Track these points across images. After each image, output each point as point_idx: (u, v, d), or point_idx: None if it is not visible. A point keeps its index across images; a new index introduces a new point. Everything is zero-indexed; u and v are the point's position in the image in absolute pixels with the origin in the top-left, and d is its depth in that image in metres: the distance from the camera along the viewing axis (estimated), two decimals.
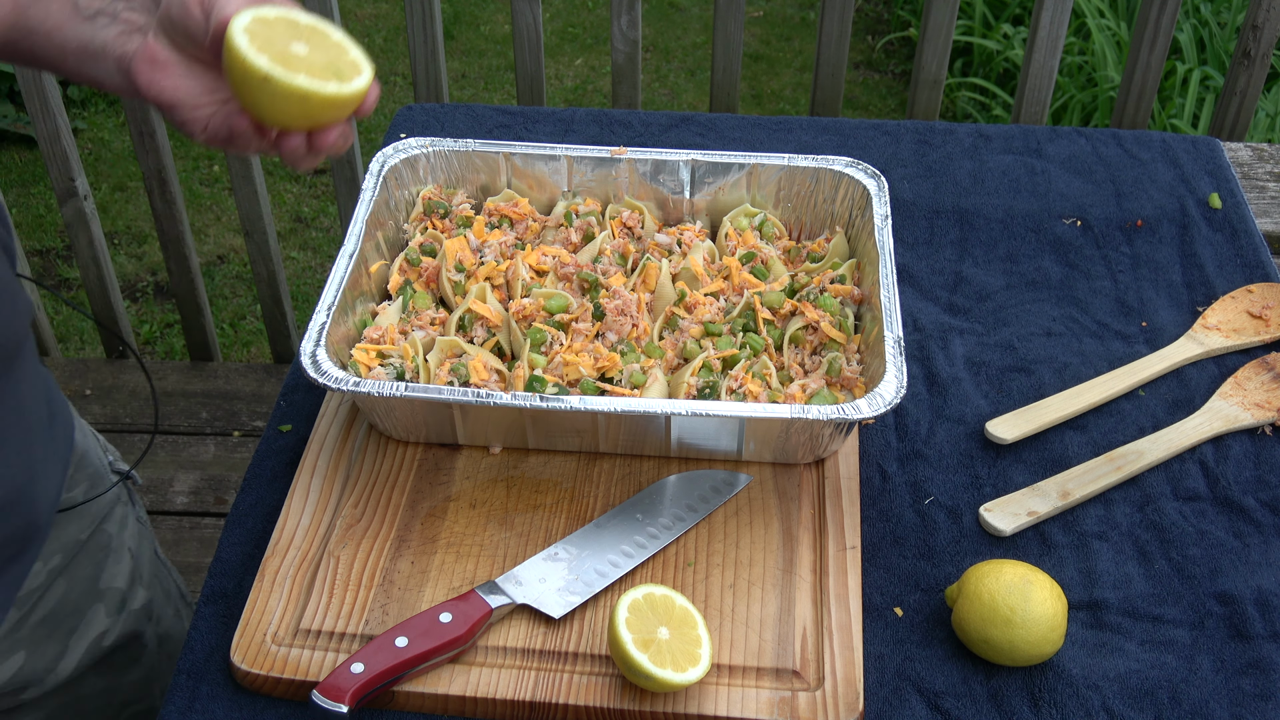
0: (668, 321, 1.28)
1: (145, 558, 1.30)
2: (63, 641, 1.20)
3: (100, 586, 1.22)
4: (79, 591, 1.20)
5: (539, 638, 1.07)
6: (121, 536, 1.26)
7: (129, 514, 1.29)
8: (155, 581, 1.32)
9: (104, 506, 1.23)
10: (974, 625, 1.06)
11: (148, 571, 1.30)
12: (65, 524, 1.17)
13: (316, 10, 2.21)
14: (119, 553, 1.25)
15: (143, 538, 1.32)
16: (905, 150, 1.68)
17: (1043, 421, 1.29)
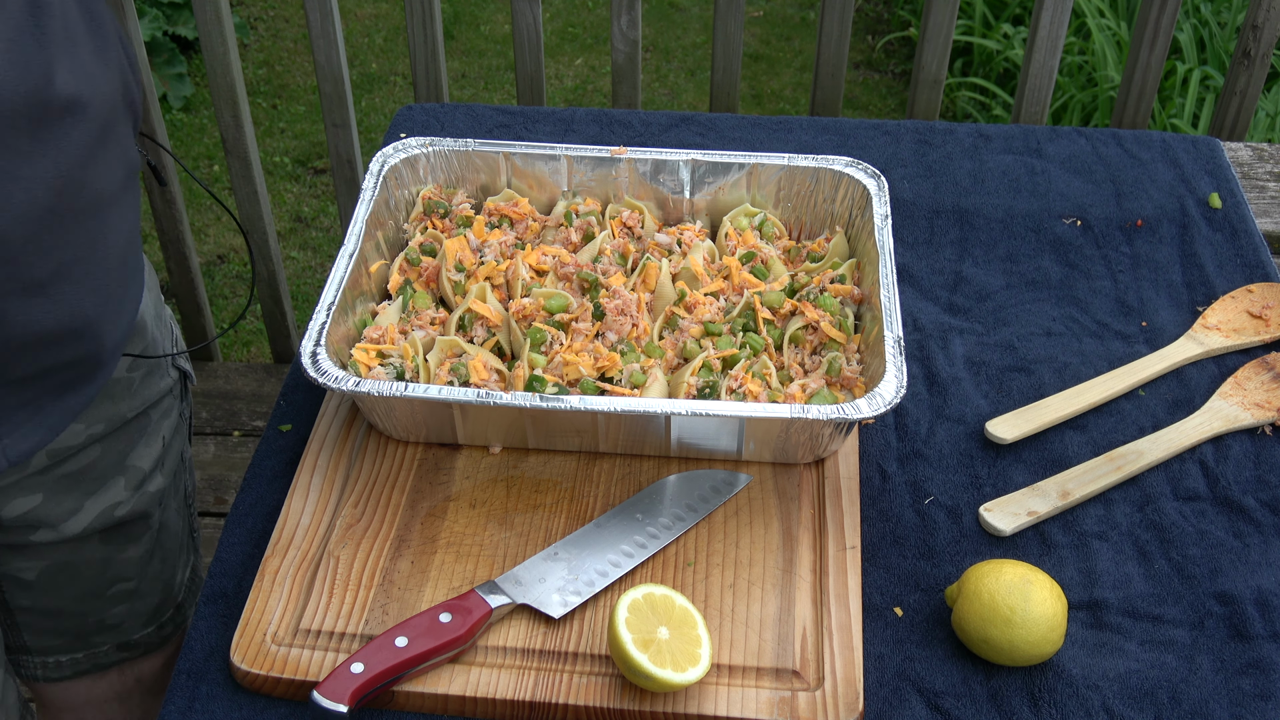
0: (668, 321, 1.28)
1: (174, 450, 1.35)
2: (79, 500, 1.24)
3: (127, 463, 1.27)
4: (108, 462, 1.25)
5: (539, 638, 1.07)
6: (161, 425, 1.31)
7: (175, 407, 1.34)
8: (174, 475, 1.37)
9: (156, 394, 1.28)
10: (974, 625, 1.06)
11: (171, 463, 1.35)
12: (118, 399, 1.23)
13: (317, 10, 2.21)
14: (153, 438, 1.30)
15: (178, 432, 1.36)
16: (905, 150, 1.68)
17: (1043, 421, 1.29)
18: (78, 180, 0.97)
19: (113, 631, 1.37)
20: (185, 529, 1.42)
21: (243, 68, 2.56)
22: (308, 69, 4.04)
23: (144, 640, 1.41)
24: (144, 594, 1.36)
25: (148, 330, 1.24)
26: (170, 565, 1.39)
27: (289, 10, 4.31)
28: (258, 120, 3.79)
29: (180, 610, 1.44)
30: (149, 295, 1.25)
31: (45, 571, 1.26)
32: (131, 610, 1.37)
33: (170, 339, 1.31)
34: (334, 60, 2.27)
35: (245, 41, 4.12)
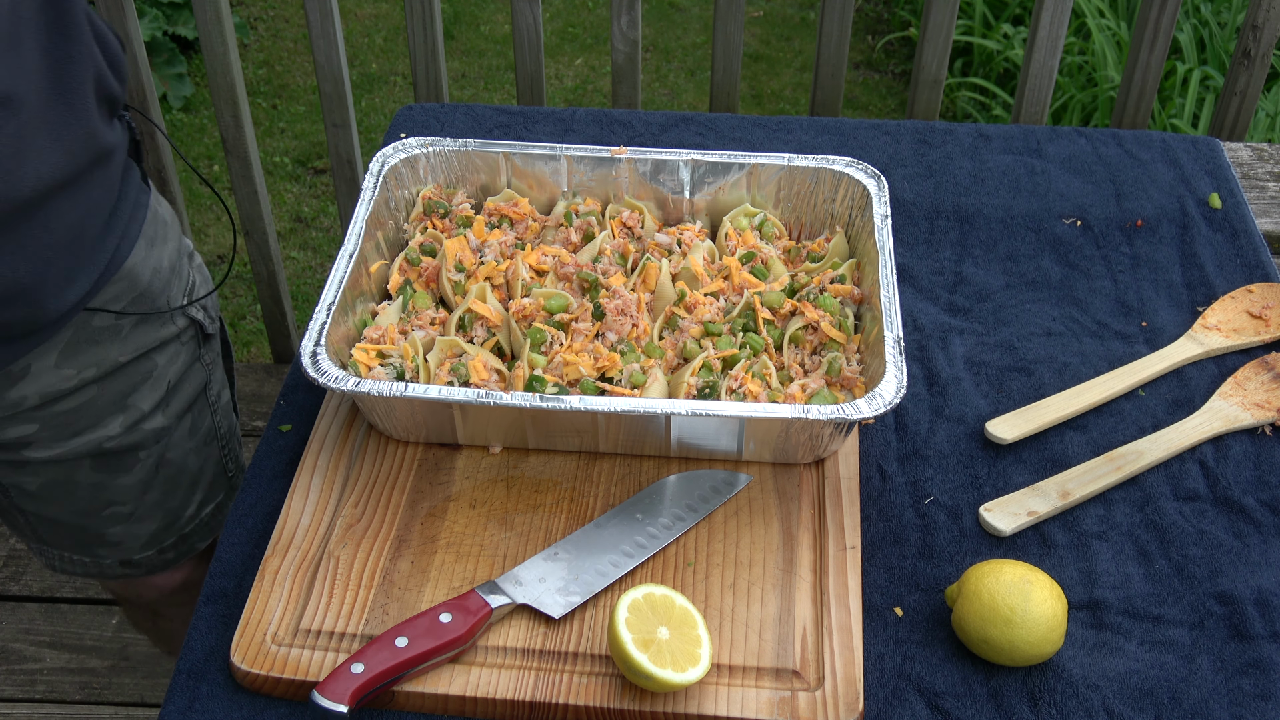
0: (668, 321, 1.28)
1: (183, 393, 1.40)
2: (73, 433, 1.32)
3: (128, 402, 1.34)
4: (106, 400, 1.32)
5: (539, 638, 1.07)
6: (168, 369, 1.37)
7: (183, 353, 1.39)
8: (185, 416, 1.42)
9: (154, 340, 1.34)
10: (974, 625, 1.06)
11: (179, 405, 1.40)
12: (106, 345, 1.28)
13: (317, 10, 2.21)
14: (157, 381, 1.36)
15: (190, 377, 1.41)
16: (905, 150, 1.68)
17: (1043, 421, 1.29)
18: (6, 169, 1.05)
19: (113, 548, 1.46)
20: (205, 467, 1.48)
21: (243, 68, 2.56)
22: (308, 69, 4.04)
23: (145, 561, 1.50)
24: (141, 519, 1.44)
25: (141, 283, 1.29)
26: (173, 497, 1.46)
27: (289, 10, 4.31)
28: (258, 120, 3.79)
29: (186, 540, 1.51)
30: (149, 251, 1.30)
31: (44, 486, 1.36)
32: (129, 532, 1.45)
33: (183, 290, 1.37)
34: (334, 60, 2.27)
35: (245, 41, 4.12)
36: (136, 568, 1.50)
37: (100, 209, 1.20)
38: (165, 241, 1.33)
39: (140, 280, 1.29)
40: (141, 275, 1.29)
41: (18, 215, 1.09)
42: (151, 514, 1.45)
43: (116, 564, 1.48)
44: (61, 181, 1.12)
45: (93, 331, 1.27)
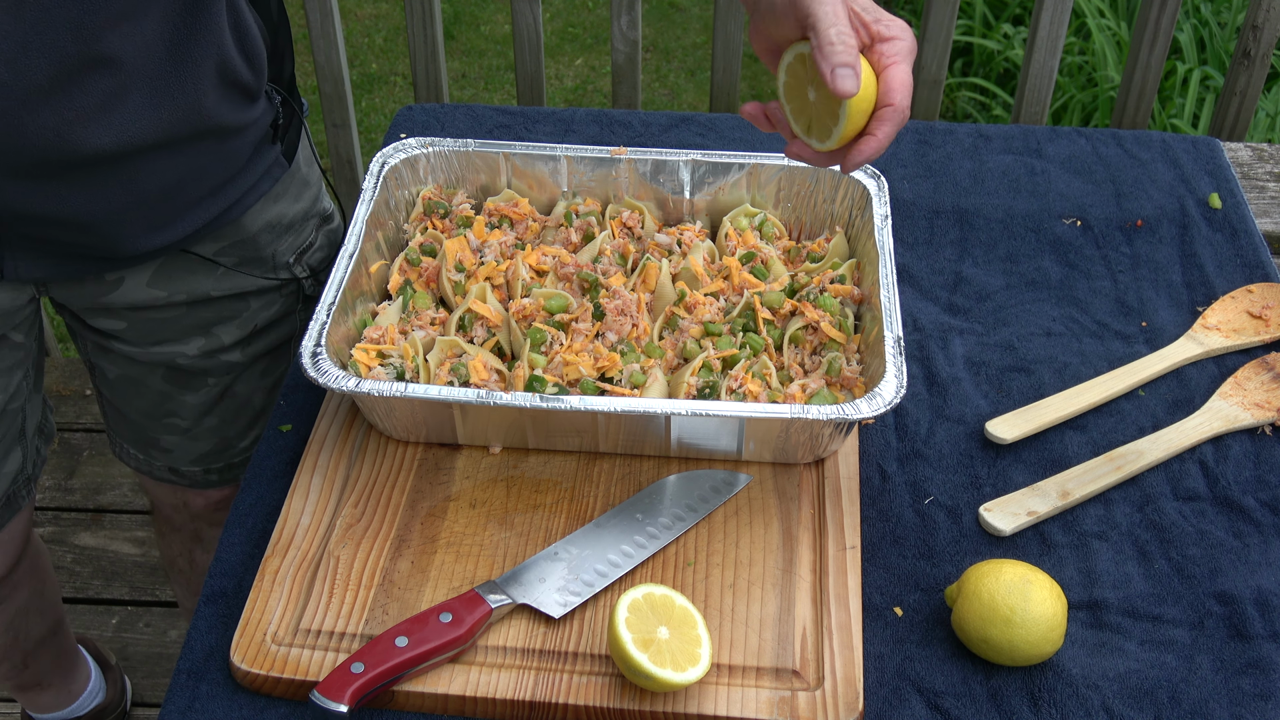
0: (668, 321, 1.28)
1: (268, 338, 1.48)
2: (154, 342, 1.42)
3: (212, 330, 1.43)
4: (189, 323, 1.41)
5: (539, 637, 1.07)
6: (259, 314, 1.45)
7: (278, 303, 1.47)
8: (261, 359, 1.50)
9: (252, 285, 1.42)
10: (974, 625, 1.06)
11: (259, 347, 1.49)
12: (200, 276, 1.37)
13: (317, 10, 2.21)
14: (245, 322, 1.44)
15: (280, 328, 1.48)
16: (905, 150, 1.68)
17: (1042, 421, 1.29)
18: (89, 117, 1.12)
19: (165, 454, 1.57)
20: (266, 410, 1.55)
21: None
22: (308, 69, 4.04)
23: (190, 475, 1.59)
24: (196, 438, 1.54)
25: (247, 233, 1.37)
26: (230, 426, 1.54)
27: (289, 10, 4.30)
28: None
29: (233, 468, 1.61)
30: (270, 206, 1.38)
31: (120, 379, 1.48)
32: (181, 445, 1.55)
33: (295, 247, 1.44)
34: (334, 60, 2.27)
35: None
36: (182, 478, 1.60)
37: (207, 176, 1.27)
38: (296, 200, 1.42)
39: (248, 229, 1.37)
40: (251, 225, 1.37)
41: (98, 161, 1.16)
42: (207, 436, 1.54)
43: (165, 469, 1.59)
44: (154, 144, 1.18)
45: (188, 263, 1.36)
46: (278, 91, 1.34)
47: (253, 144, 1.31)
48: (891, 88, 1.03)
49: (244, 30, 1.24)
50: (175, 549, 1.80)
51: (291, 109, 1.36)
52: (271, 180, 1.36)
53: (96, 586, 2.34)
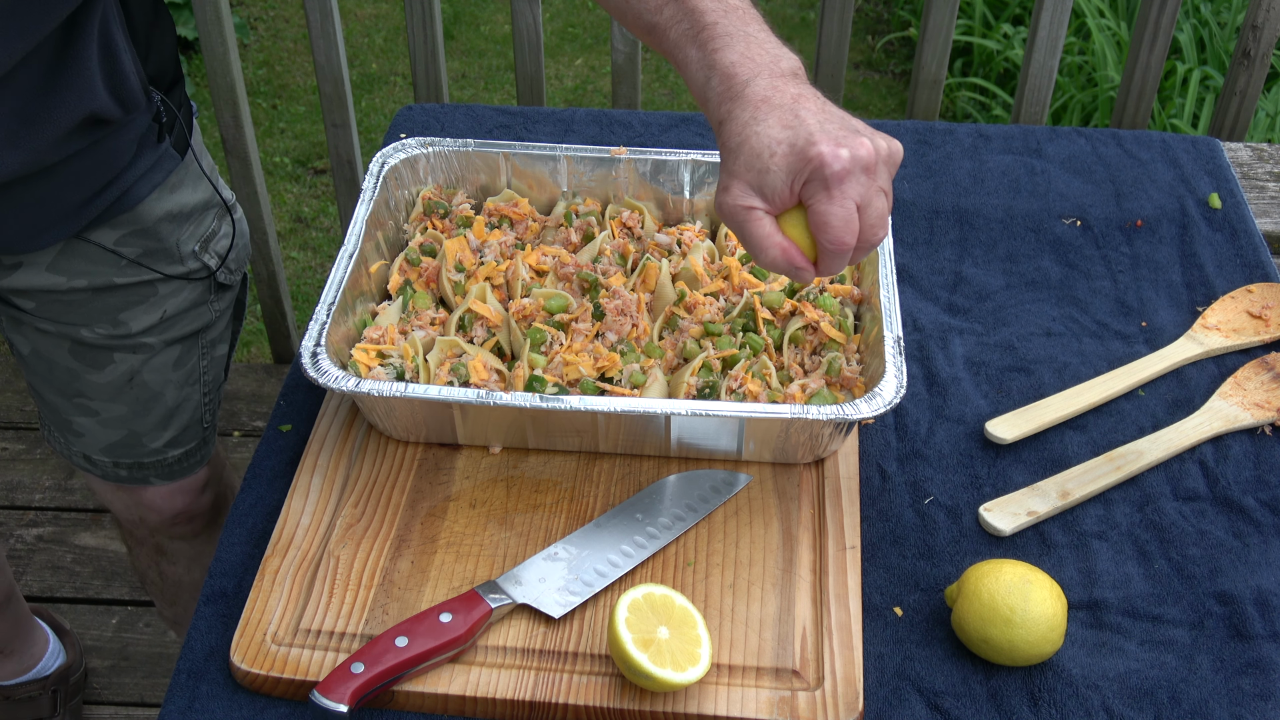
0: (668, 321, 1.28)
1: (178, 326, 1.46)
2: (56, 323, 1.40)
3: (119, 317, 1.41)
4: (95, 309, 1.39)
5: (539, 637, 1.07)
6: (166, 301, 1.43)
7: (186, 291, 1.44)
8: (174, 349, 1.47)
9: (157, 272, 1.40)
10: (974, 625, 1.06)
11: (171, 335, 1.46)
12: (101, 264, 1.35)
13: (317, 10, 2.21)
14: (153, 308, 1.42)
15: (192, 316, 1.46)
16: (905, 150, 1.68)
17: (1042, 421, 1.29)
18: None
19: (78, 439, 1.53)
20: (183, 407, 1.53)
21: (243, 68, 2.56)
22: (308, 69, 4.04)
23: (101, 465, 1.56)
24: (106, 424, 1.50)
25: (147, 221, 1.36)
26: (140, 420, 1.50)
27: (289, 10, 4.31)
28: (258, 120, 3.79)
29: (142, 468, 1.56)
30: (168, 196, 1.36)
31: (33, 354, 1.45)
32: (91, 430, 1.51)
33: (198, 236, 1.42)
34: (334, 60, 2.27)
35: (245, 41, 4.12)
36: (94, 466, 1.56)
37: (88, 180, 1.27)
38: (194, 191, 1.40)
39: (146, 219, 1.35)
40: (148, 216, 1.35)
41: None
42: (116, 425, 1.50)
43: (81, 455, 1.55)
44: (22, 176, 1.19)
45: (88, 252, 1.34)
46: (156, 93, 1.32)
47: (134, 143, 1.30)
48: (815, 225, 1.01)
49: (119, 75, 1.23)
50: (144, 561, 1.80)
51: (173, 108, 1.34)
52: (164, 172, 1.35)
53: (96, 586, 2.34)
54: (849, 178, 0.99)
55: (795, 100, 1.01)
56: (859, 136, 1.00)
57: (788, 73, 1.04)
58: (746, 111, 1.00)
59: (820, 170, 0.98)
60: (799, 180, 0.99)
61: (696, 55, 1.04)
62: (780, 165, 0.99)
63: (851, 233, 1.00)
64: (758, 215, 1.01)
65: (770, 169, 0.99)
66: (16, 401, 2.67)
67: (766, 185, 1.00)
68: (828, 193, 0.99)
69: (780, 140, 0.99)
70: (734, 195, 1.01)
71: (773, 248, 1.02)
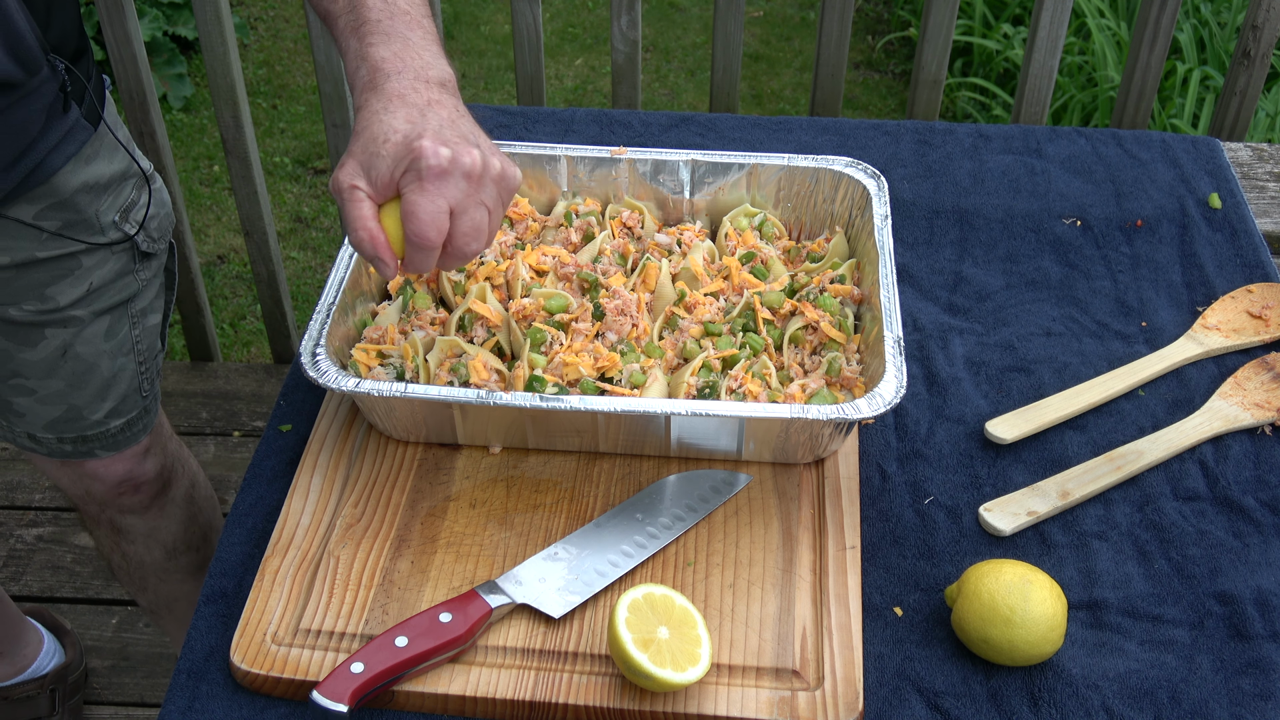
0: (668, 321, 1.28)
1: (105, 297, 1.45)
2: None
3: (46, 293, 1.39)
4: (20, 286, 1.38)
5: (539, 637, 1.07)
6: (92, 272, 1.42)
7: (110, 261, 1.43)
8: (103, 320, 1.46)
9: (79, 245, 1.39)
10: (974, 625, 1.06)
11: (99, 305, 1.45)
12: (24, 240, 1.35)
13: None
14: (79, 280, 1.41)
15: (118, 286, 1.45)
16: (905, 150, 1.68)
17: (1042, 421, 1.29)
18: None
19: (20, 419, 1.52)
20: (119, 377, 1.52)
21: (243, 68, 2.56)
22: (308, 69, 4.04)
23: (46, 442, 1.54)
24: (44, 401, 1.49)
25: (63, 193, 1.35)
26: (79, 393, 1.50)
27: (289, 10, 4.31)
28: (258, 120, 3.79)
29: (86, 441, 1.56)
30: (83, 169, 1.35)
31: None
32: (32, 408, 1.50)
33: (118, 206, 1.41)
34: (334, 60, 2.27)
35: (245, 41, 4.12)
36: (39, 445, 1.56)
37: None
38: (110, 162, 1.39)
39: (63, 191, 1.35)
40: (65, 187, 1.34)
41: None
42: (55, 401, 1.50)
43: (25, 435, 1.55)
44: None
45: (7, 227, 1.33)
46: (60, 61, 1.31)
47: (42, 112, 1.29)
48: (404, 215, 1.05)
49: (14, 36, 1.22)
50: (105, 544, 1.79)
51: (79, 77, 1.34)
52: (77, 143, 1.34)
53: (96, 586, 2.34)
54: (446, 177, 1.04)
55: (428, 103, 1.07)
56: (470, 147, 1.05)
57: (433, 80, 1.10)
58: (379, 102, 1.07)
59: (417, 161, 1.03)
60: (399, 168, 1.04)
61: (355, 46, 1.12)
62: (389, 152, 1.04)
63: (437, 230, 1.05)
64: (359, 196, 1.06)
65: (380, 154, 1.05)
66: None
67: (373, 169, 1.05)
68: (420, 184, 1.04)
69: (398, 130, 1.05)
70: (344, 173, 1.06)
71: (362, 230, 1.06)
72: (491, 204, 1.07)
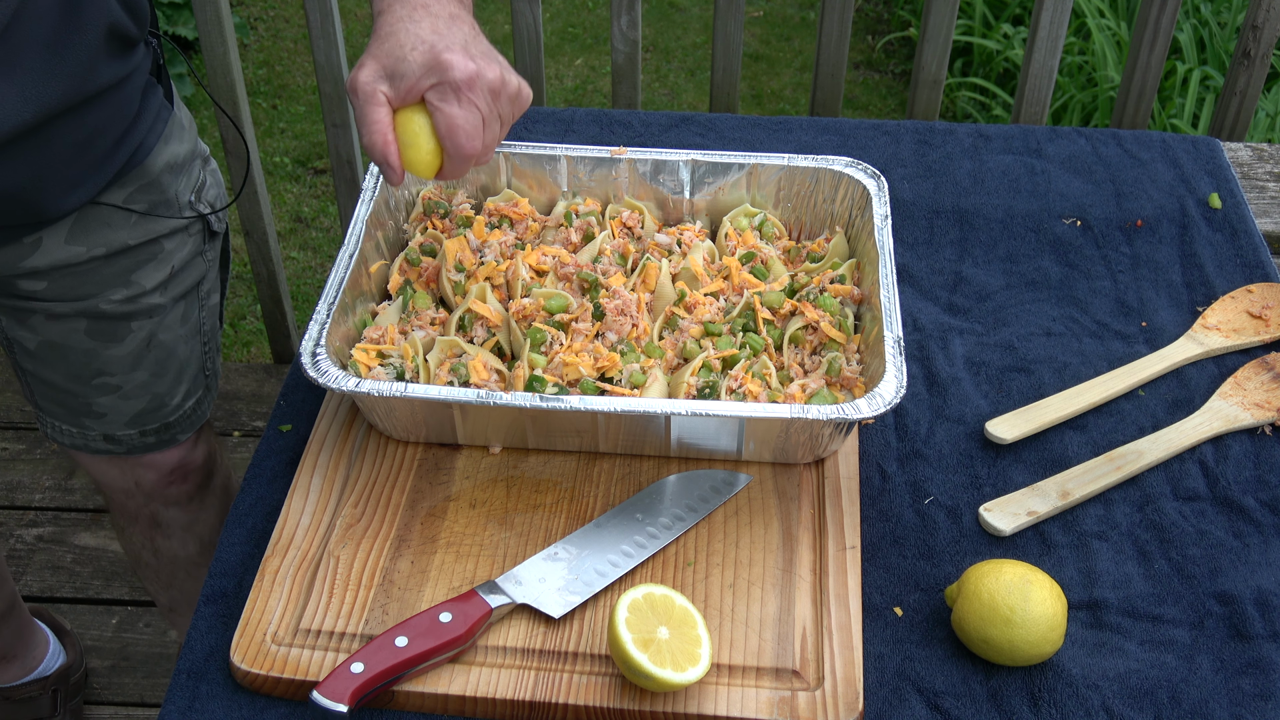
0: (668, 321, 1.28)
1: (185, 280, 1.48)
2: (71, 300, 1.40)
3: (131, 278, 1.42)
4: (110, 273, 1.39)
5: (539, 637, 1.07)
6: (174, 255, 1.45)
7: (188, 244, 1.46)
8: (181, 302, 1.49)
9: (165, 228, 1.42)
10: (974, 625, 1.06)
11: (178, 289, 1.48)
12: (116, 228, 1.37)
13: (317, 10, 2.21)
14: (162, 264, 1.44)
15: (194, 267, 1.49)
16: (905, 150, 1.68)
17: (1042, 421, 1.29)
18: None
19: (99, 420, 1.52)
20: (191, 359, 1.55)
21: (243, 68, 2.56)
22: (308, 69, 4.04)
23: (126, 439, 1.55)
24: (129, 396, 1.50)
25: (151, 174, 1.38)
26: (160, 381, 1.52)
27: (289, 10, 4.31)
28: (258, 120, 3.79)
29: (169, 428, 1.58)
30: (164, 148, 1.39)
31: (41, 346, 1.44)
32: (115, 406, 1.51)
33: (191, 186, 1.44)
34: (334, 60, 2.27)
35: (245, 41, 4.12)
36: (118, 444, 1.56)
37: (110, 127, 1.29)
38: (181, 142, 1.42)
39: (151, 172, 1.37)
40: (153, 168, 1.37)
41: (11, 137, 1.18)
42: (139, 394, 1.51)
43: (100, 438, 1.55)
44: (59, 110, 1.20)
45: (102, 214, 1.35)
46: (153, 34, 1.35)
47: (140, 89, 1.32)
48: (444, 130, 1.12)
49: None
50: (136, 541, 1.80)
51: (159, 52, 1.38)
52: (163, 123, 1.38)
53: (96, 586, 2.34)
54: (475, 90, 1.10)
55: (451, 17, 1.12)
56: (493, 62, 1.12)
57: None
58: (404, 10, 1.12)
59: (448, 72, 1.09)
60: (428, 79, 1.10)
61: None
62: (417, 60, 1.09)
63: (480, 142, 1.12)
64: (380, 99, 1.11)
65: (407, 59, 1.09)
66: (17, 401, 2.67)
67: (398, 73, 1.10)
68: (457, 96, 1.10)
69: (424, 40, 1.10)
70: (365, 73, 1.11)
71: (379, 134, 1.11)
72: (505, 118, 1.14)
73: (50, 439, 1.60)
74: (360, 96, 1.11)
